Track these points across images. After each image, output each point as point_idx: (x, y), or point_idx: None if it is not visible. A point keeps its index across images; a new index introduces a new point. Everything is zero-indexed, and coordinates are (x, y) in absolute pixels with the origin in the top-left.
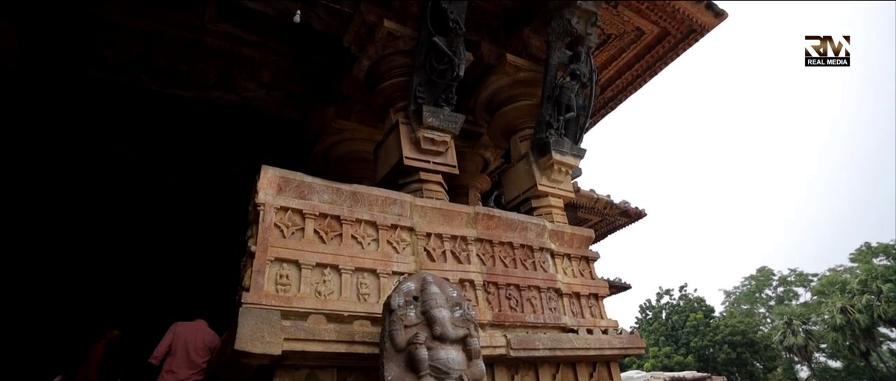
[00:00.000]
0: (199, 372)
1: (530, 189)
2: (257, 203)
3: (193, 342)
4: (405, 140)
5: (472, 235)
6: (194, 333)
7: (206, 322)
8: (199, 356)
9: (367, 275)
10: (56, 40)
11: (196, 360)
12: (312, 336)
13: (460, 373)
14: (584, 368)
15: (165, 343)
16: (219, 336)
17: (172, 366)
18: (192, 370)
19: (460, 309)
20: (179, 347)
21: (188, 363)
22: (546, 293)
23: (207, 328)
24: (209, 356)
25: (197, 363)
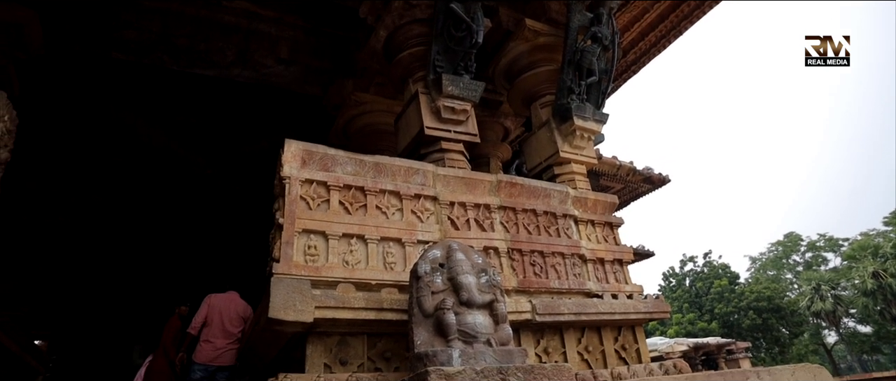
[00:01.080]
0: (235, 341)
1: (552, 156)
2: (282, 176)
3: (228, 313)
4: (425, 110)
5: (496, 203)
6: (228, 304)
7: (238, 293)
8: (234, 325)
9: (392, 244)
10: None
11: (231, 329)
12: (342, 304)
13: (488, 337)
14: (608, 332)
15: (201, 314)
16: (250, 306)
17: (209, 336)
18: (228, 339)
19: (486, 275)
20: (215, 317)
21: (224, 333)
22: (570, 260)
23: (239, 299)
24: (243, 326)
25: (232, 333)
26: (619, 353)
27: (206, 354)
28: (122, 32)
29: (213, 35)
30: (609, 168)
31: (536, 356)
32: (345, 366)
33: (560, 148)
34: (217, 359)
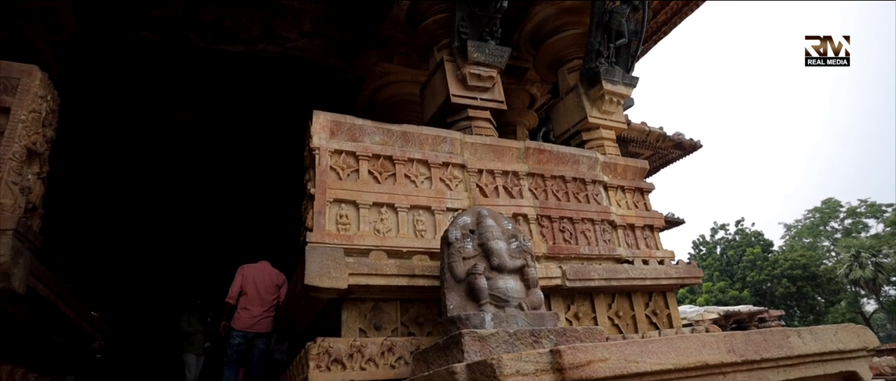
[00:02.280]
0: (270, 308)
1: (580, 122)
2: (312, 148)
3: (262, 281)
4: (451, 78)
5: (524, 169)
6: (261, 273)
7: (270, 263)
8: (269, 293)
9: (422, 212)
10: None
11: (266, 297)
12: (375, 271)
13: (519, 301)
14: (639, 297)
15: (237, 284)
16: (283, 274)
17: (246, 304)
18: (264, 306)
19: (516, 241)
20: (250, 286)
21: (260, 301)
22: (600, 226)
23: (272, 268)
24: (277, 293)
25: (267, 300)
26: (650, 318)
27: (243, 321)
28: (149, 11)
29: (238, 10)
30: (638, 134)
31: (567, 321)
32: (379, 331)
33: (588, 113)
34: (254, 326)
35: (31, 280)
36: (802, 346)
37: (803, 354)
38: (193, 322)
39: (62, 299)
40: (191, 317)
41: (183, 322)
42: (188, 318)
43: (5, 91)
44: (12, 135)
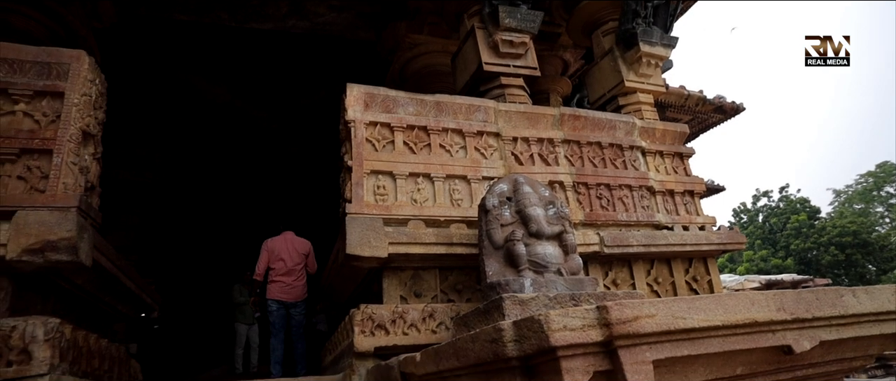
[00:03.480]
0: (299, 276)
1: (617, 86)
2: (347, 120)
3: (287, 252)
4: (483, 45)
5: (559, 136)
6: (285, 243)
7: (293, 232)
8: (296, 262)
9: (458, 181)
10: None
11: (293, 267)
12: (414, 240)
13: (558, 266)
14: (679, 264)
15: (263, 260)
16: (307, 242)
17: (276, 276)
18: (293, 275)
19: (553, 207)
20: (276, 259)
21: (288, 271)
22: (638, 192)
23: (295, 237)
24: (303, 261)
25: (295, 269)
26: (690, 285)
27: (275, 292)
28: None
29: None
30: (676, 99)
31: (605, 287)
32: (419, 298)
33: (625, 77)
34: (288, 295)
35: (96, 254)
36: (857, 305)
37: (858, 313)
38: (244, 293)
39: (124, 273)
40: (242, 288)
41: (234, 293)
42: (239, 289)
43: (58, 77)
44: (68, 118)
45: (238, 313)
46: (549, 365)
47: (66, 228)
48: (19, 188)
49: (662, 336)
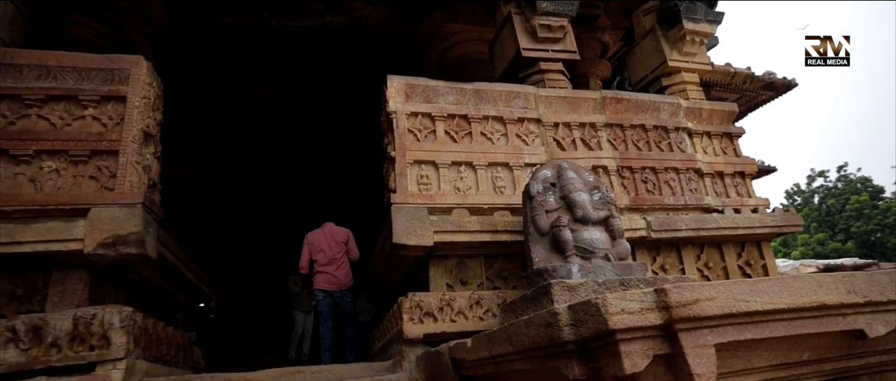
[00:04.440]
0: (342, 264)
1: (659, 67)
2: (389, 112)
3: (327, 242)
4: (520, 31)
5: (601, 120)
6: (326, 234)
7: (333, 222)
8: (337, 251)
9: (500, 169)
10: None
11: (335, 256)
12: (458, 228)
13: (605, 252)
14: (730, 248)
15: (305, 254)
16: (346, 230)
17: (319, 267)
18: (334, 265)
19: (599, 192)
20: (316, 251)
21: (330, 261)
22: (685, 175)
23: (335, 227)
24: (344, 249)
25: (337, 259)
26: (743, 269)
27: (321, 282)
28: None
29: None
30: (722, 77)
31: (653, 273)
32: (465, 285)
33: (668, 57)
34: (332, 285)
35: (160, 247)
36: None
37: None
38: (299, 283)
39: (184, 264)
40: (296, 278)
41: (290, 283)
42: (294, 279)
43: (120, 81)
44: (131, 120)
45: (295, 302)
46: (606, 349)
47: (134, 223)
48: (92, 187)
49: (724, 320)
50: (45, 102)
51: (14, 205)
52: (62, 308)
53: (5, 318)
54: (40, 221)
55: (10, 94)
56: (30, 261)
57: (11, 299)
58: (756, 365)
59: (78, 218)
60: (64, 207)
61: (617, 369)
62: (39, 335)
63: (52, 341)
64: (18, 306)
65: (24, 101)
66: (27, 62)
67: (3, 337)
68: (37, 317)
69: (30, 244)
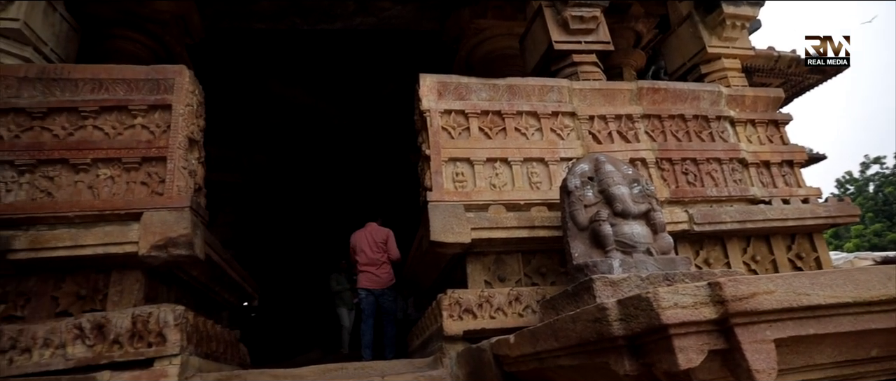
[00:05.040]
0: (384, 262)
1: (698, 54)
2: (422, 110)
3: (367, 243)
4: (552, 23)
5: (638, 112)
6: (368, 234)
7: (376, 223)
8: (378, 251)
9: (535, 164)
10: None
11: (375, 256)
12: (495, 224)
13: (647, 246)
14: (780, 240)
15: (352, 252)
16: (387, 230)
17: (361, 266)
18: (375, 264)
19: (638, 185)
20: (358, 251)
21: (371, 261)
22: (728, 165)
23: (377, 227)
24: (384, 249)
25: (376, 259)
26: (793, 262)
27: (363, 281)
28: (258, 3)
29: None
30: (764, 62)
31: (697, 267)
32: (503, 282)
33: (707, 43)
34: (374, 283)
35: (206, 248)
36: None
37: None
38: (341, 281)
39: (229, 264)
40: (338, 276)
41: (332, 281)
42: (336, 277)
43: (165, 91)
44: (176, 127)
45: (338, 300)
46: (659, 344)
47: (183, 226)
48: (143, 192)
49: (783, 314)
50: (99, 113)
51: (75, 211)
52: (121, 307)
53: (72, 316)
54: (99, 225)
55: (68, 106)
56: (91, 263)
57: (77, 299)
58: (818, 362)
59: (132, 222)
60: (119, 211)
61: (670, 364)
62: (103, 332)
63: (114, 337)
64: (83, 305)
65: (80, 113)
66: (82, 76)
67: (72, 334)
68: (100, 315)
69: (91, 247)
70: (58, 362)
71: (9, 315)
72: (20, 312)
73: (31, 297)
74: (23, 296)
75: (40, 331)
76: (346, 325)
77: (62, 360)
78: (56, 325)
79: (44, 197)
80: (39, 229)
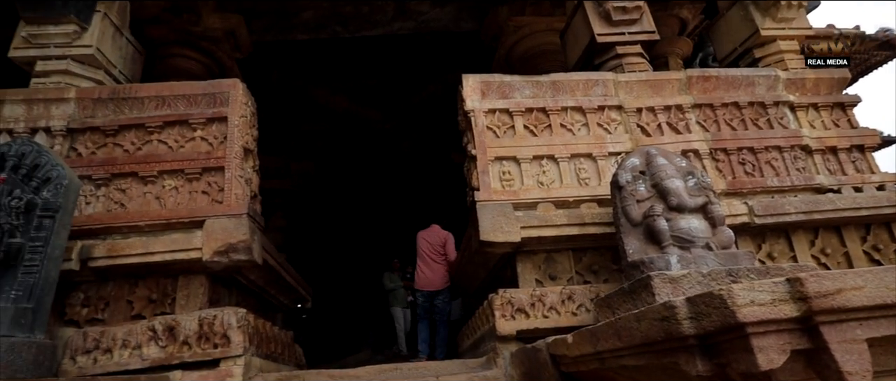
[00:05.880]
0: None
1: (750, 37)
2: (467, 110)
3: (427, 244)
4: (593, 16)
5: (688, 102)
6: (429, 235)
7: (439, 225)
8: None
9: (583, 160)
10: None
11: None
12: (545, 223)
13: (706, 241)
14: (852, 231)
15: None
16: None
17: (419, 266)
18: (430, 267)
19: (693, 177)
20: (419, 251)
21: (426, 262)
22: (790, 153)
23: (439, 230)
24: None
25: (432, 261)
26: (869, 255)
27: (419, 281)
28: (301, 15)
29: None
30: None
31: (760, 262)
32: (555, 281)
33: (760, 26)
34: (428, 285)
35: (263, 253)
36: None
37: None
38: (394, 279)
39: (283, 268)
40: (391, 274)
41: (385, 280)
42: (389, 275)
43: (221, 103)
44: (232, 137)
45: (392, 298)
46: (735, 343)
47: (241, 232)
48: (204, 201)
49: (875, 311)
50: (162, 127)
51: (145, 220)
52: (188, 310)
53: (145, 319)
54: (166, 233)
55: (136, 123)
56: (160, 269)
57: (148, 303)
58: None
59: (195, 229)
60: (183, 220)
61: (749, 365)
62: (173, 333)
63: (184, 339)
64: (154, 308)
65: (146, 128)
66: (147, 94)
67: (146, 336)
68: (170, 318)
69: (160, 254)
70: (135, 361)
71: (91, 318)
72: (100, 315)
73: (110, 301)
74: (103, 300)
75: (119, 333)
76: (401, 325)
77: (139, 360)
78: (132, 327)
79: (117, 208)
80: (115, 238)
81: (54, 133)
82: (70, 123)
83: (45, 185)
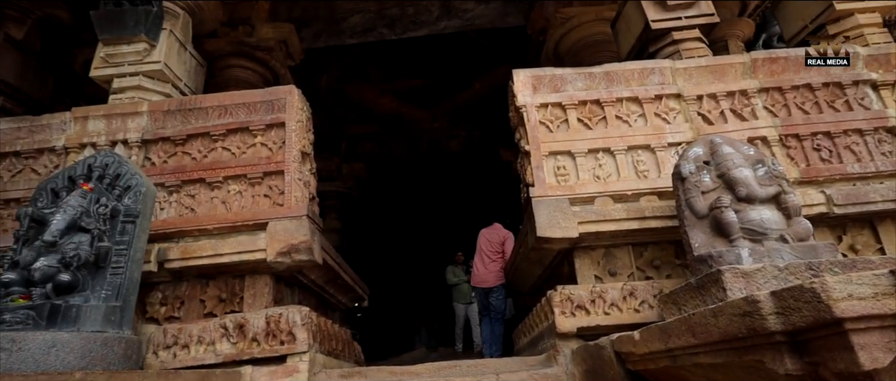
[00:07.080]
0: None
1: (823, 13)
2: (518, 106)
3: (486, 242)
4: (646, 2)
5: (753, 86)
6: (489, 233)
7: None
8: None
9: (641, 152)
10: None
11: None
12: (603, 217)
13: (780, 233)
14: None
15: None
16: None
17: (477, 263)
18: (486, 264)
19: (763, 166)
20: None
21: (483, 260)
22: (873, 136)
23: (500, 228)
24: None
25: (488, 259)
26: None
27: (474, 277)
28: (348, 20)
29: None
30: None
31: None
32: (614, 277)
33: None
34: (483, 282)
35: (323, 253)
36: None
37: None
38: (458, 273)
39: (342, 268)
40: (455, 268)
41: (448, 274)
42: (453, 269)
43: (279, 110)
44: (290, 142)
45: (454, 293)
46: (831, 341)
47: (302, 233)
48: (266, 204)
49: None
50: (225, 135)
51: (213, 224)
52: (255, 309)
53: (216, 317)
54: (233, 235)
55: (202, 132)
56: (228, 269)
57: (219, 302)
58: None
59: (259, 231)
60: (248, 222)
61: (848, 364)
62: (243, 331)
63: (253, 336)
64: (224, 307)
65: (211, 136)
66: (211, 104)
67: (218, 333)
68: (239, 316)
69: (228, 255)
70: (210, 357)
71: (169, 316)
72: (177, 313)
73: (185, 300)
74: (178, 299)
75: (194, 330)
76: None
77: (213, 355)
78: (206, 324)
79: (188, 213)
80: (187, 240)
81: (130, 144)
82: (144, 135)
83: (126, 193)
